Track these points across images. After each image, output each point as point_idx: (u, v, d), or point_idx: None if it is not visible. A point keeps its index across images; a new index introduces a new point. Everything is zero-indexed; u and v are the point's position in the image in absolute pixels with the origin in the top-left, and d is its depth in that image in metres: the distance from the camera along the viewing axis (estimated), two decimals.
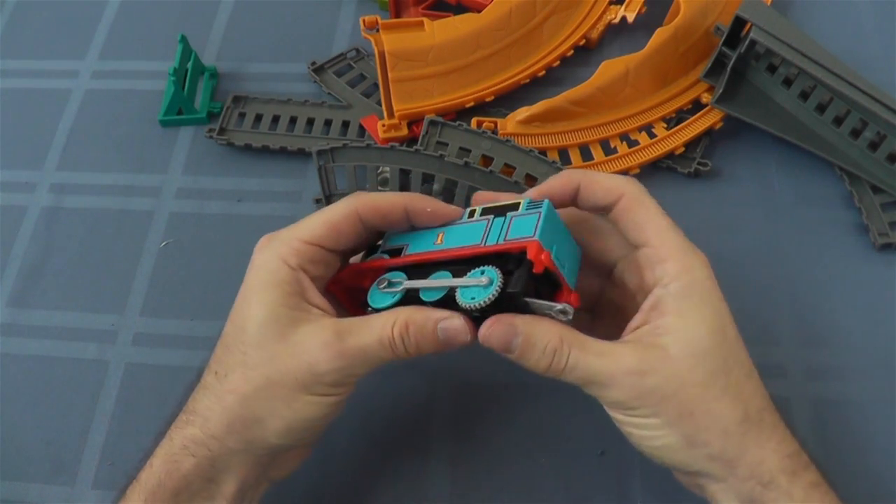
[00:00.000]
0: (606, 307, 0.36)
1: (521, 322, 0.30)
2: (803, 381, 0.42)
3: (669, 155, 0.49)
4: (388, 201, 0.34)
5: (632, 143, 0.49)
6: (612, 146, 0.50)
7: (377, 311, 0.33)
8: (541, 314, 0.30)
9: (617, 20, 0.54)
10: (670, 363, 0.29)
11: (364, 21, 0.52)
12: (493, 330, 0.30)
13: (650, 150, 0.49)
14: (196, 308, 0.46)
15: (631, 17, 0.54)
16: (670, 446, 0.30)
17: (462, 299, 0.30)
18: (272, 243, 0.34)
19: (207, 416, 0.32)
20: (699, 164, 0.49)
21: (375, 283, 0.34)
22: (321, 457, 0.41)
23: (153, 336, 0.46)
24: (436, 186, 0.47)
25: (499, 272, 0.30)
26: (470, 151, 0.48)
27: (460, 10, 0.55)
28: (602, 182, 0.33)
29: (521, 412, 0.42)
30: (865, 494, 0.38)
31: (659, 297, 0.31)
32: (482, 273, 0.30)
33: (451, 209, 0.34)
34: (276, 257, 0.33)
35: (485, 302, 0.30)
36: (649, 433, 0.30)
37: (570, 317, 0.30)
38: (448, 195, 0.47)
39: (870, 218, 0.46)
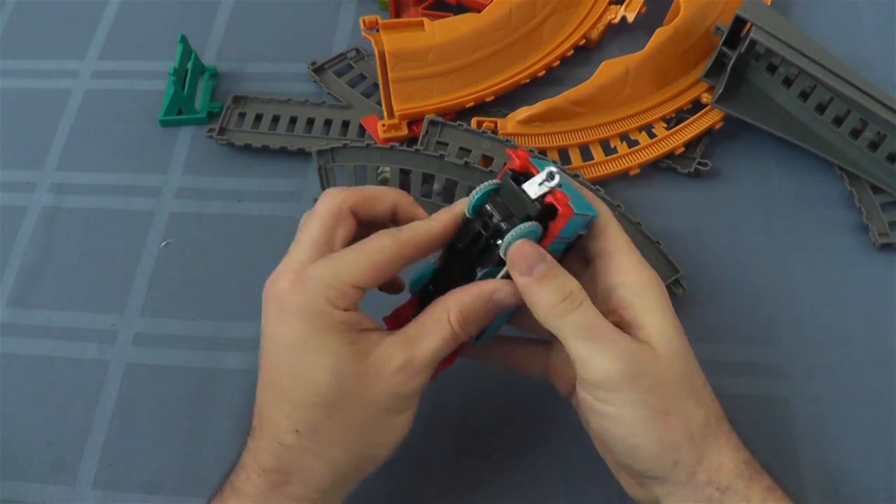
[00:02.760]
0: None
1: (549, 258, 0.30)
2: (803, 381, 0.42)
3: (669, 155, 0.49)
4: (427, 235, 0.33)
5: (632, 143, 0.49)
6: (612, 146, 0.50)
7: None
8: (536, 204, 0.30)
9: (617, 20, 0.54)
10: (655, 358, 0.30)
11: (364, 21, 0.52)
12: (523, 249, 0.30)
13: (650, 150, 0.49)
14: (196, 308, 0.46)
15: (631, 17, 0.54)
16: (643, 449, 0.30)
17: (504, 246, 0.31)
18: (310, 284, 0.31)
19: (310, 475, 0.31)
20: (699, 164, 0.49)
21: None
22: None
23: (153, 336, 0.46)
24: (436, 186, 0.47)
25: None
26: (470, 151, 0.48)
27: (460, 10, 0.55)
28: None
29: (521, 412, 0.42)
30: (865, 494, 0.38)
31: (625, 298, 0.31)
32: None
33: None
34: (323, 301, 0.30)
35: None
36: (625, 430, 0.30)
37: (557, 178, 0.30)
38: (448, 195, 0.47)
39: (870, 218, 0.46)
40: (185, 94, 0.53)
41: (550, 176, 0.30)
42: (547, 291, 0.30)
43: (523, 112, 0.49)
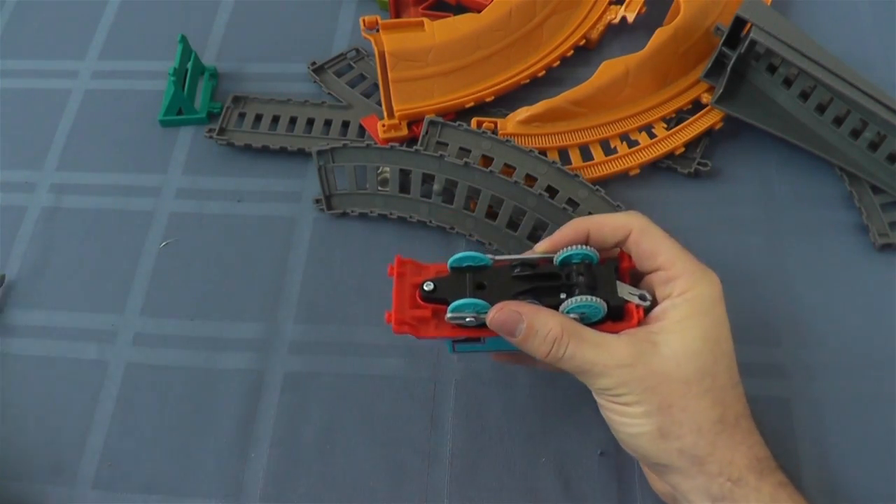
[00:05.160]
0: None
1: (526, 311, 0.32)
2: (803, 381, 0.42)
3: (669, 155, 0.49)
4: None
5: (632, 144, 0.49)
6: (612, 146, 0.50)
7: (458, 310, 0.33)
8: (621, 300, 0.33)
9: (617, 20, 0.54)
10: (658, 358, 0.31)
11: (364, 21, 0.52)
12: (500, 315, 0.32)
13: (650, 151, 0.49)
14: (196, 308, 0.46)
15: (631, 17, 0.54)
16: (644, 435, 0.32)
17: (572, 313, 0.33)
18: None
19: None
20: (699, 164, 0.49)
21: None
22: (321, 456, 0.41)
23: (153, 336, 0.46)
24: (436, 186, 0.47)
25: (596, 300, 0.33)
26: (470, 151, 0.48)
27: (460, 10, 0.55)
28: (609, 223, 0.35)
29: (520, 412, 0.42)
30: (865, 494, 0.38)
31: (664, 308, 0.33)
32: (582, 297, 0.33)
33: None
34: None
35: (598, 318, 0.33)
36: (628, 420, 0.32)
37: (648, 302, 0.33)
38: (448, 195, 0.47)
39: (870, 218, 0.46)
40: (184, 94, 0.53)
41: (644, 297, 0.34)
42: (533, 346, 0.32)
43: (523, 112, 0.49)
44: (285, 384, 0.44)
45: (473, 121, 0.50)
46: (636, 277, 0.35)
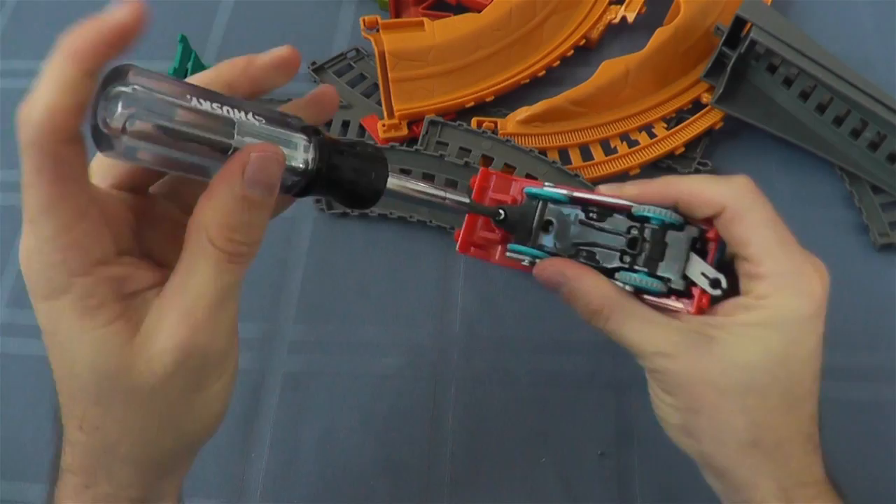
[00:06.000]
0: None
1: (571, 274, 0.30)
2: None
3: (669, 155, 0.49)
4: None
5: (632, 143, 0.49)
6: (612, 146, 0.50)
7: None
8: (686, 281, 0.30)
9: (617, 20, 0.54)
10: (707, 356, 0.28)
11: (364, 21, 0.52)
12: (544, 273, 0.31)
13: (650, 150, 0.49)
14: None
15: (631, 17, 0.54)
16: (670, 424, 0.30)
17: (629, 282, 0.30)
18: (25, 251, 0.26)
19: (111, 473, 0.26)
20: (699, 164, 0.49)
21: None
22: (322, 456, 0.41)
23: None
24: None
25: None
26: (470, 151, 0.48)
27: (460, 10, 0.55)
28: (702, 195, 0.30)
29: (521, 412, 0.42)
30: (867, 495, 0.38)
31: (736, 303, 0.29)
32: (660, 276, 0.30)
33: None
34: (50, 270, 0.25)
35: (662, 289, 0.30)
36: (658, 402, 0.30)
37: (720, 292, 0.29)
38: None
39: (870, 218, 0.46)
40: None
41: (716, 284, 0.29)
42: (576, 307, 0.31)
43: (523, 112, 0.49)
44: (285, 384, 0.44)
45: (473, 121, 0.50)
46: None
